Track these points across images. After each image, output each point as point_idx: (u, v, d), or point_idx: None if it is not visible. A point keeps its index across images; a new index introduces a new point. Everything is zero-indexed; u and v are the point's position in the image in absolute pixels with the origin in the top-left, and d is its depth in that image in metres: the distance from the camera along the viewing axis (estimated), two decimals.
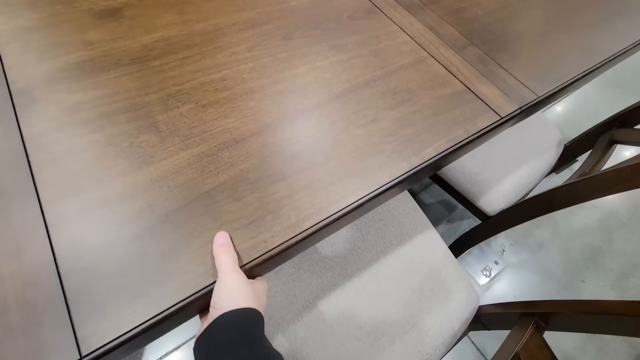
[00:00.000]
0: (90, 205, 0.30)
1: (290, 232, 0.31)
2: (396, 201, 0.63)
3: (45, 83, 0.37)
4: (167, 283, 0.28)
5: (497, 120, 0.43)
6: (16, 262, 0.27)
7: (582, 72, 0.50)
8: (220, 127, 0.37)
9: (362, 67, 0.45)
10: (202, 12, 0.47)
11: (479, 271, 1.03)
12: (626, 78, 1.62)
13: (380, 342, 0.50)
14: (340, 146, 0.37)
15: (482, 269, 1.04)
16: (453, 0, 0.57)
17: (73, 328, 0.25)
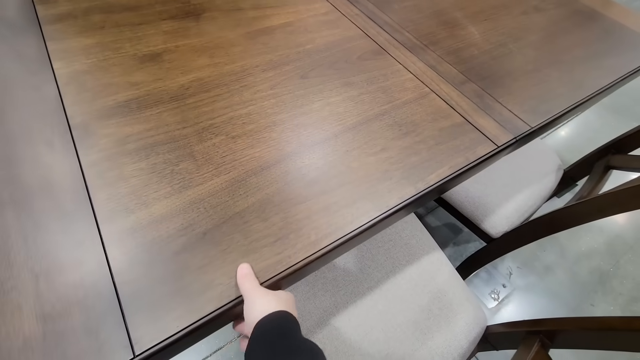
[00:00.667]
0: (139, 224, 0.35)
1: (311, 249, 0.35)
2: (404, 223, 0.67)
3: (98, 118, 0.43)
4: (206, 293, 0.32)
5: (494, 149, 0.47)
6: (78, 273, 0.31)
7: (571, 105, 0.55)
8: (248, 156, 0.42)
9: (371, 102, 0.51)
10: (229, 56, 0.54)
11: (487, 294, 1.04)
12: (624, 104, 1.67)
13: (391, 359, 0.52)
14: (354, 173, 0.42)
15: (490, 292, 1.05)
16: (451, 41, 0.63)
17: (127, 331, 0.29)
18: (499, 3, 0.75)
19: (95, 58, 0.50)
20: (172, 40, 0.55)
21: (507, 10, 0.73)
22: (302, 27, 0.61)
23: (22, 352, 0.27)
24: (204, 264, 0.33)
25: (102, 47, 0.52)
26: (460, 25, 0.67)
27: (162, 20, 0.58)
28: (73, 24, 0.55)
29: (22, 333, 0.28)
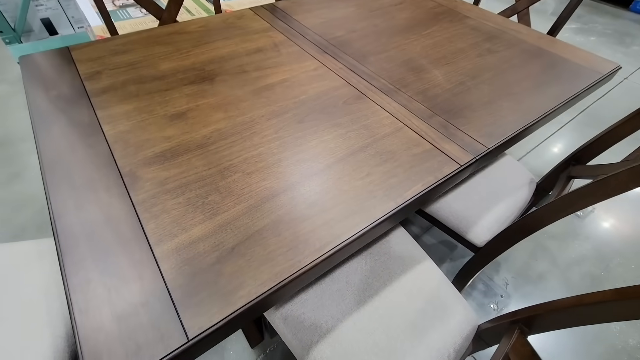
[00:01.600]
0: (182, 244, 0.45)
1: (317, 254, 0.45)
2: (396, 238, 0.77)
3: (142, 167, 0.55)
4: (237, 292, 0.41)
5: (458, 168, 0.58)
6: (140, 284, 0.41)
7: (521, 128, 0.67)
8: (261, 187, 0.53)
9: (356, 138, 0.63)
10: (240, 109, 0.67)
11: (487, 306, 1.10)
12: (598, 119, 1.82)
13: (394, 356, 0.60)
14: (345, 194, 0.53)
15: (490, 303, 1.11)
16: (419, 84, 0.77)
17: (181, 322, 0.38)
18: (457, 49, 0.90)
19: (134, 120, 0.63)
20: (193, 101, 0.68)
21: (464, 54, 0.88)
22: (296, 82, 0.75)
23: (104, 344, 0.37)
24: (234, 270, 0.43)
25: (138, 111, 0.65)
26: (425, 70, 0.82)
27: (184, 86, 0.72)
28: (114, 95, 0.68)
29: (103, 330, 0.37)
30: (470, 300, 1.12)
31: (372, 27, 0.98)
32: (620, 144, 0.77)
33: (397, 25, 1.00)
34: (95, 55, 0.79)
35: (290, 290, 0.44)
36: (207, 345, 0.39)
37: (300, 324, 0.63)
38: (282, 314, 0.65)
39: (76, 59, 0.78)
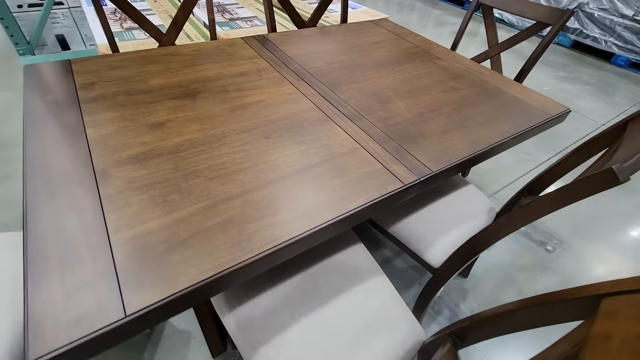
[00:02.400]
0: (137, 235, 0.50)
1: (257, 251, 0.50)
2: (353, 252, 0.81)
3: (115, 166, 0.61)
4: (179, 277, 0.46)
5: (402, 187, 0.64)
6: (92, 265, 0.46)
7: (466, 156, 0.74)
8: (219, 191, 0.59)
9: (315, 155, 0.69)
10: (214, 123, 0.74)
11: None
12: None
13: (320, 333, 0.63)
14: (293, 202, 0.59)
15: None
16: (382, 112, 0.85)
17: (122, 300, 0.42)
18: (423, 85, 0.99)
19: (116, 126, 0.70)
20: (173, 113, 0.76)
21: (429, 90, 0.97)
22: (270, 103, 0.83)
23: (50, 314, 0.41)
24: (179, 260, 0.48)
25: (122, 119, 0.72)
26: (390, 101, 0.90)
27: (168, 100, 0.80)
28: (103, 103, 0.76)
29: (51, 302, 0.42)
30: (434, 324, 1.13)
31: (349, 60, 1.08)
32: (570, 174, 0.83)
33: (373, 61, 1.10)
34: (93, 69, 0.88)
35: (230, 282, 0.49)
36: (144, 323, 0.43)
37: (250, 325, 0.66)
38: (235, 315, 0.68)
39: (75, 70, 0.87)
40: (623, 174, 0.46)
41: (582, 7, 3.26)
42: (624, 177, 0.46)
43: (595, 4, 3.18)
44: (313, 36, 1.23)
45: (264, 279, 0.74)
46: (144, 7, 1.61)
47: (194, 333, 1.02)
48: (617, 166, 0.47)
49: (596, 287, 0.39)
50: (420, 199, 0.98)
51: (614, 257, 1.42)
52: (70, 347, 0.38)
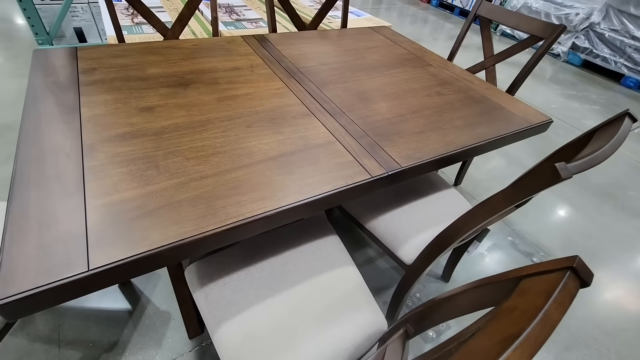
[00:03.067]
0: (111, 202, 0.55)
1: (219, 224, 0.54)
2: (326, 242, 0.84)
3: (102, 142, 0.66)
4: (143, 242, 0.50)
5: (369, 178, 0.68)
6: (67, 225, 0.50)
7: (438, 155, 0.77)
8: (194, 170, 0.63)
9: (291, 144, 0.73)
10: (201, 111, 0.79)
11: (426, 333, 1.13)
12: None
13: (294, 340, 0.65)
14: (263, 185, 0.62)
15: (430, 330, 1.14)
16: (364, 111, 0.89)
17: (88, 256, 0.47)
18: (409, 88, 1.03)
19: (109, 107, 0.75)
20: (164, 100, 0.81)
21: (415, 93, 1.01)
22: (258, 96, 0.88)
23: (21, 264, 0.45)
24: (147, 226, 0.52)
25: (116, 101, 0.78)
26: (374, 101, 0.94)
27: (161, 87, 0.85)
28: (101, 87, 0.82)
29: (24, 254, 0.46)
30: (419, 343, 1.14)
31: (342, 62, 1.13)
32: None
33: (364, 64, 1.14)
34: (96, 56, 0.94)
35: (191, 251, 0.53)
36: (106, 279, 0.47)
37: (217, 301, 0.70)
38: (205, 291, 0.72)
39: (80, 56, 0.93)
40: (565, 171, 0.49)
41: (593, 27, 3.26)
42: (565, 174, 0.49)
43: (606, 24, 3.18)
44: (311, 38, 1.28)
45: (237, 259, 0.77)
46: (155, 4, 1.69)
47: (173, 314, 1.06)
48: (560, 164, 0.49)
49: (519, 270, 0.41)
50: (399, 197, 1.01)
51: (605, 274, 1.41)
52: (35, 292, 0.43)
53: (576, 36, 3.41)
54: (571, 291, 0.32)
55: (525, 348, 0.29)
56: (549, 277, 0.35)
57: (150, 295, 1.10)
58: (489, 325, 0.37)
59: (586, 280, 0.32)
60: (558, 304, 0.31)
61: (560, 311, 0.30)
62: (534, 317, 0.31)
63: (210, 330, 0.67)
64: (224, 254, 0.78)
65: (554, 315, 0.30)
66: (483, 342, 0.33)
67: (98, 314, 1.03)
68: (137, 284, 1.13)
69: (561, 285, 0.32)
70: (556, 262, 0.35)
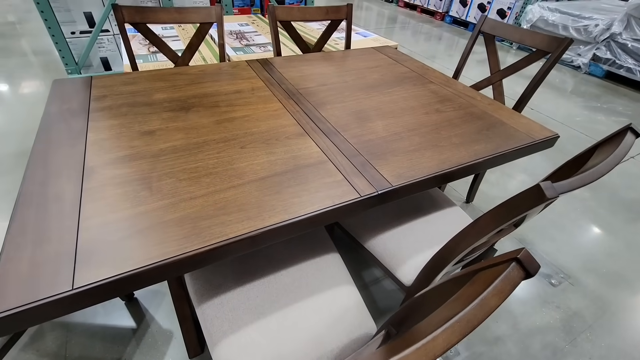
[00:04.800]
0: (103, 222, 0.57)
1: (203, 244, 0.55)
2: (326, 261, 0.83)
3: (102, 165, 0.70)
4: (127, 260, 0.51)
5: (357, 197, 0.67)
6: (58, 244, 0.53)
7: (431, 174, 0.75)
8: (185, 191, 0.65)
9: (282, 164, 0.74)
10: (198, 133, 0.82)
11: None
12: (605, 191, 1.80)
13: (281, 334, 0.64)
14: (249, 204, 0.63)
15: None
16: (358, 130, 0.89)
17: (74, 275, 0.49)
18: (407, 106, 1.03)
19: (114, 131, 0.80)
20: (165, 123, 0.85)
21: (412, 111, 1.01)
22: (255, 118, 0.91)
23: (11, 281, 0.48)
24: (133, 246, 0.54)
25: (121, 126, 0.82)
26: (370, 120, 0.94)
27: (164, 112, 0.90)
28: (109, 112, 0.87)
29: (15, 270, 0.49)
30: None
31: (341, 82, 1.15)
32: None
33: (364, 84, 1.15)
34: (109, 84, 1.01)
35: (175, 270, 0.54)
36: (91, 298, 0.49)
37: (213, 321, 0.70)
38: (204, 307, 0.72)
39: (94, 85, 1.00)
40: (550, 191, 0.47)
41: (614, 38, 3.16)
42: (550, 193, 0.46)
43: (628, 34, 3.07)
44: (313, 60, 1.31)
45: (238, 274, 0.78)
46: (172, 34, 1.81)
47: (175, 333, 1.07)
48: (545, 183, 0.47)
49: (479, 264, 0.40)
50: (400, 216, 0.99)
51: (633, 297, 1.31)
52: (21, 310, 0.45)
53: (597, 47, 3.31)
54: (513, 280, 0.34)
55: (456, 329, 0.31)
56: (497, 268, 0.36)
57: (155, 312, 1.12)
58: (435, 312, 0.37)
59: (530, 270, 0.35)
60: (497, 292, 0.34)
61: (499, 298, 0.33)
62: (469, 303, 0.33)
63: (209, 347, 0.68)
64: (225, 266, 0.79)
65: (491, 302, 0.33)
66: (425, 326, 0.37)
67: (104, 331, 1.06)
68: (143, 301, 1.15)
69: (503, 275, 0.34)
70: (506, 254, 0.37)
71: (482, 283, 0.37)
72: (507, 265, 0.37)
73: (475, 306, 0.34)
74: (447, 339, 0.31)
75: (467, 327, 0.32)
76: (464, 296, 0.37)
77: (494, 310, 0.34)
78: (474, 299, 0.35)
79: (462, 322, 0.32)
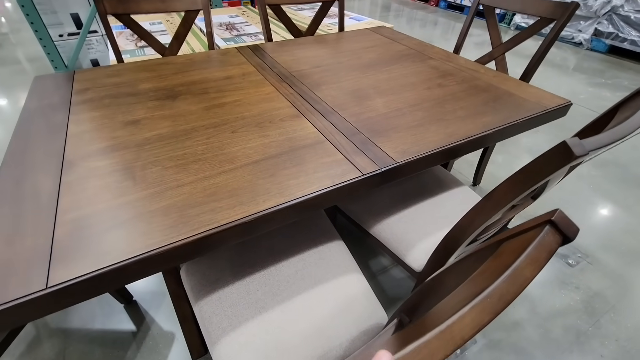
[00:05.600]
0: (83, 216, 0.52)
1: (190, 233, 0.50)
2: (330, 249, 0.78)
3: (82, 157, 0.65)
4: (107, 255, 0.46)
5: (359, 176, 0.62)
6: (32, 240, 0.48)
7: (437, 148, 0.70)
8: (172, 179, 0.60)
9: (276, 147, 0.69)
10: (186, 120, 0.77)
11: None
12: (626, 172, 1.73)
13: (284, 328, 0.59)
14: (242, 189, 0.58)
15: None
16: (357, 108, 0.84)
17: (48, 273, 0.44)
18: (408, 83, 0.97)
19: (96, 123, 0.75)
20: (150, 112, 0.80)
21: (413, 87, 0.95)
22: (246, 102, 0.85)
23: None
24: (116, 239, 0.49)
25: (103, 117, 0.77)
26: (369, 98, 0.88)
27: (150, 101, 0.85)
28: (90, 105, 0.82)
29: None
30: None
31: (336, 64, 1.09)
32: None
33: (360, 64, 1.09)
34: (92, 77, 0.96)
35: (161, 263, 0.49)
36: (70, 297, 0.44)
37: (211, 318, 0.65)
38: (200, 306, 0.67)
39: (76, 79, 0.95)
40: (578, 148, 0.41)
41: (616, 11, 3.07)
42: (578, 150, 0.41)
43: (630, 6, 2.98)
44: (306, 44, 1.26)
45: (236, 265, 0.73)
46: (160, 28, 1.75)
47: (177, 335, 1.02)
48: (572, 139, 0.41)
49: (502, 234, 0.34)
50: (405, 199, 0.94)
51: None
52: None
53: (598, 22, 3.22)
54: (550, 247, 0.29)
55: (487, 306, 0.26)
56: (526, 235, 0.31)
57: (155, 314, 1.08)
58: (456, 292, 0.32)
59: (568, 234, 0.29)
60: (531, 260, 0.28)
61: (534, 267, 0.28)
62: (498, 277, 0.28)
63: (209, 346, 0.63)
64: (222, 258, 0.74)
65: (526, 272, 0.28)
66: (444, 309, 0.32)
67: (103, 336, 1.01)
68: (142, 303, 1.11)
69: (537, 241, 0.29)
70: (537, 219, 0.31)
71: (511, 253, 0.31)
72: (540, 229, 0.32)
73: (507, 278, 0.28)
74: (476, 319, 0.26)
75: (500, 303, 0.27)
76: (490, 270, 0.32)
77: (529, 282, 0.29)
78: (504, 271, 0.29)
79: (494, 298, 0.27)
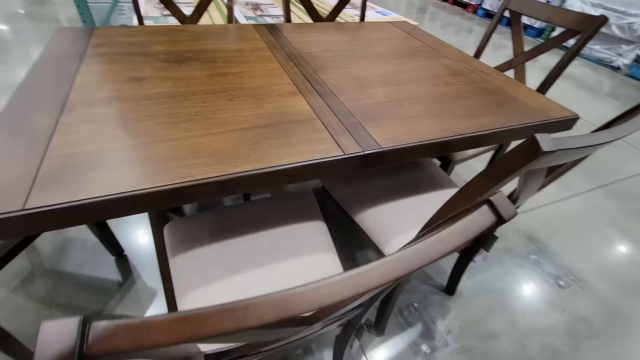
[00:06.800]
0: (72, 153, 0.55)
1: (165, 182, 0.52)
2: (311, 227, 0.79)
3: (83, 103, 0.68)
4: (87, 190, 0.49)
5: (340, 155, 0.62)
6: (20, 167, 0.51)
7: (426, 140, 0.69)
8: (160, 133, 0.62)
9: (267, 118, 0.70)
10: (188, 84, 0.79)
11: (419, 346, 1.02)
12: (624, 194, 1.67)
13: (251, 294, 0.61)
14: (224, 151, 0.60)
15: (423, 344, 1.03)
16: (357, 94, 0.84)
17: (27, 196, 0.47)
18: (415, 77, 0.96)
19: (103, 75, 0.78)
20: (156, 72, 0.82)
21: (419, 82, 0.94)
22: (249, 75, 0.87)
23: None
24: (96, 179, 0.51)
25: (111, 71, 0.81)
26: (371, 86, 0.88)
27: (158, 62, 0.87)
28: (102, 58, 0.86)
29: None
30: (404, 334, 1.04)
31: (347, 50, 1.09)
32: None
33: (372, 53, 1.09)
34: (109, 34, 1.00)
35: (133, 207, 0.51)
36: (41, 222, 0.47)
37: (182, 272, 0.68)
38: (175, 260, 0.70)
39: (94, 34, 0.99)
40: (547, 144, 0.40)
41: None
42: (546, 146, 0.40)
43: None
44: (323, 29, 1.26)
45: (215, 228, 0.75)
46: (187, 0, 1.79)
47: (159, 292, 1.07)
48: (541, 135, 0.41)
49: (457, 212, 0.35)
50: (395, 192, 0.94)
51: None
52: None
53: None
54: (481, 223, 0.31)
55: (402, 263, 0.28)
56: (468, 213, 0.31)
57: (142, 270, 1.12)
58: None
59: (503, 214, 0.31)
60: (457, 230, 0.31)
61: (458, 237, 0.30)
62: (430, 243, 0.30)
63: (177, 300, 0.66)
64: (204, 220, 0.77)
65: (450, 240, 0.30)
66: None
67: (91, 282, 1.07)
68: (132, 258, 1.15)
69: (470, 216, 0.31)
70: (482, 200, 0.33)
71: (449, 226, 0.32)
72: (479, 207, 0.32)
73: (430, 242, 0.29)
74: (389, 268, 0.27)
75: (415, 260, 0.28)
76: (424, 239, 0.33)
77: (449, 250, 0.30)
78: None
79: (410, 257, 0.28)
